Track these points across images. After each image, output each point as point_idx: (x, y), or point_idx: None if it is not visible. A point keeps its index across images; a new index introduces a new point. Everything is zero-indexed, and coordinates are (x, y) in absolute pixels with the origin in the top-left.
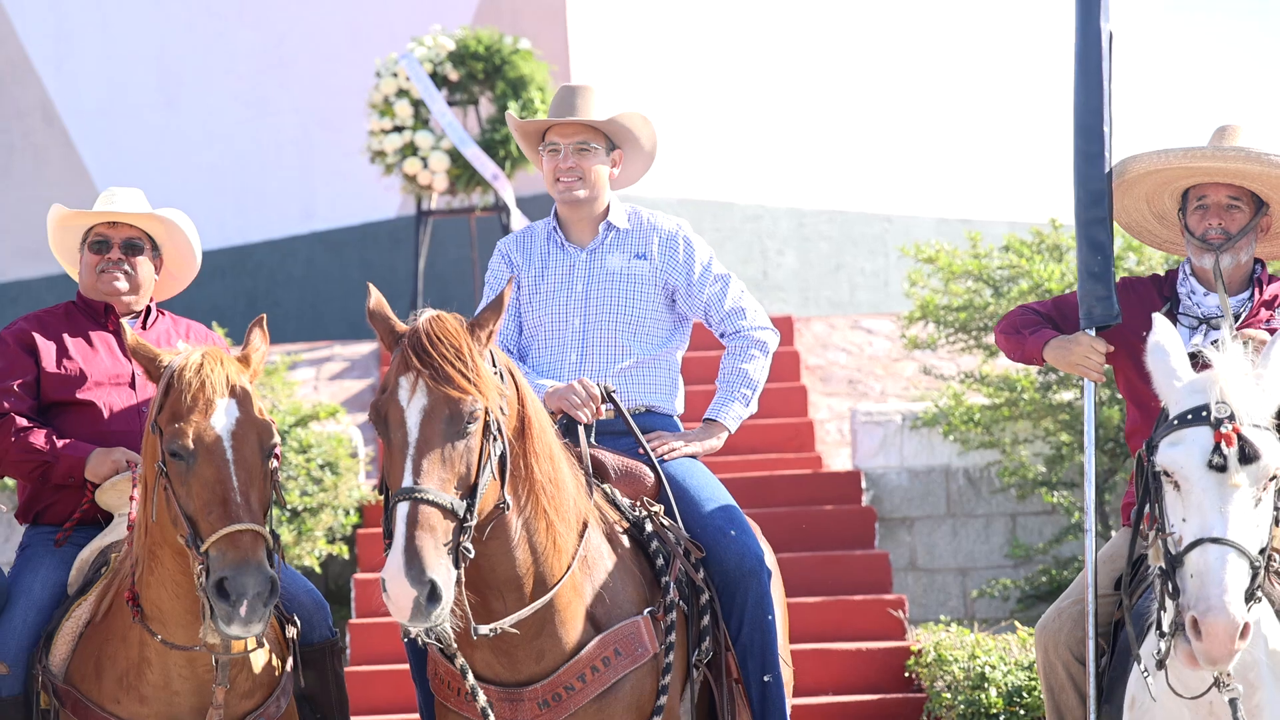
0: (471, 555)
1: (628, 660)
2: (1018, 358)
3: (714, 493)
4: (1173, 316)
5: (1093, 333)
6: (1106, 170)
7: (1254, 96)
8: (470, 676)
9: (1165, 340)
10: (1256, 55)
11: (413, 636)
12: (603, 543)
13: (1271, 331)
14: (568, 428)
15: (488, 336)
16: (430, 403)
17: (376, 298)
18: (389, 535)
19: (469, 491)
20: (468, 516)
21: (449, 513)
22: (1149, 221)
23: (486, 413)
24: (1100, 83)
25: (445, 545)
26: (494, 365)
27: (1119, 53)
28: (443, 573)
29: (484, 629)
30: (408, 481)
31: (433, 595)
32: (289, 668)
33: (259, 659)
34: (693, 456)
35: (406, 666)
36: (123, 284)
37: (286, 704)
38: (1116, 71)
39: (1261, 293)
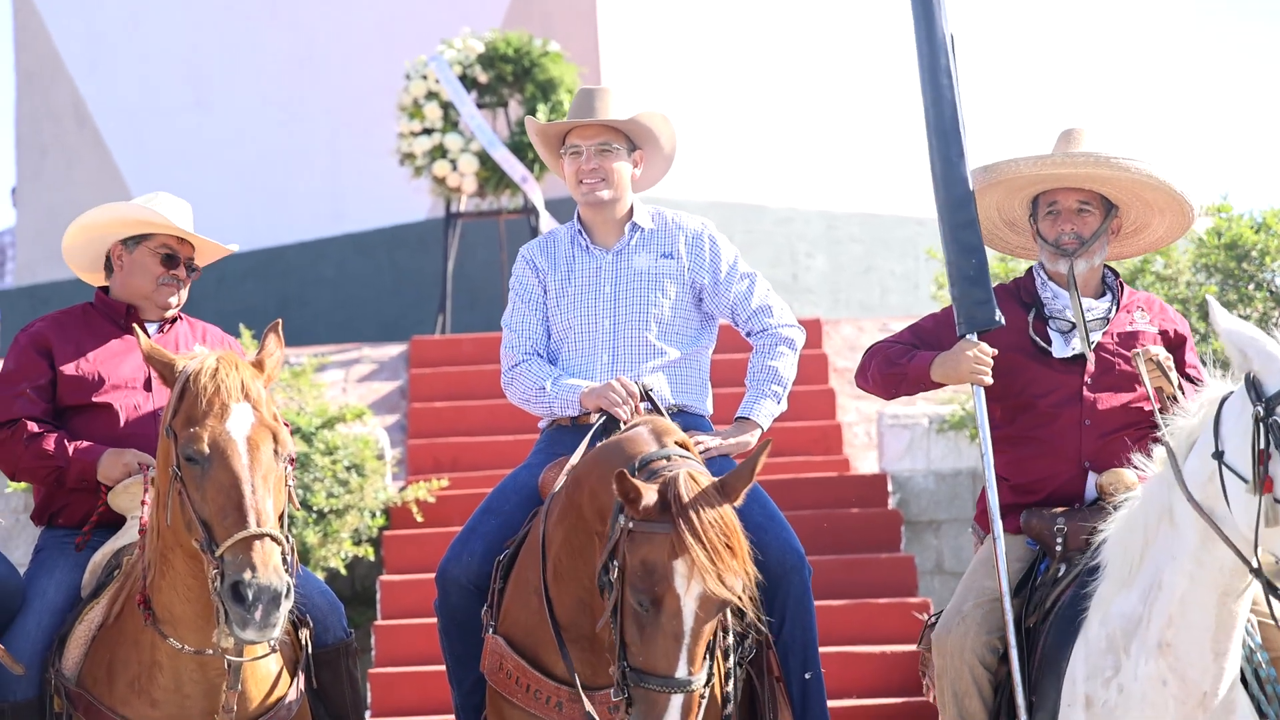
0: None
1: None
2: (902, 390)
3: (752, 491)
4: (1042, 320)
5: (973, 337)
6: (967, 172)
7: (1093, 95)
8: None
9: (1247, 326)
10: (1096, 55)
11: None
12: None
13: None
14: (607, 426)
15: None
16: (707, 596)
17: (632, 482)
18: (628, 691)
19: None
20: (701, 692)
21: (700, 696)
22: (999, 229)
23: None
24: (950, 86)
25: None
26: None
27: (962, 55)
28: None
29: None
30: (681, 673)
31: None
32: (301, 669)
33: (271, 662)
34: (726, 455)
35: (431, 668)
36: (175, 299)
37: (298, 707)
38: (961, 73)
39: (1121, 296)
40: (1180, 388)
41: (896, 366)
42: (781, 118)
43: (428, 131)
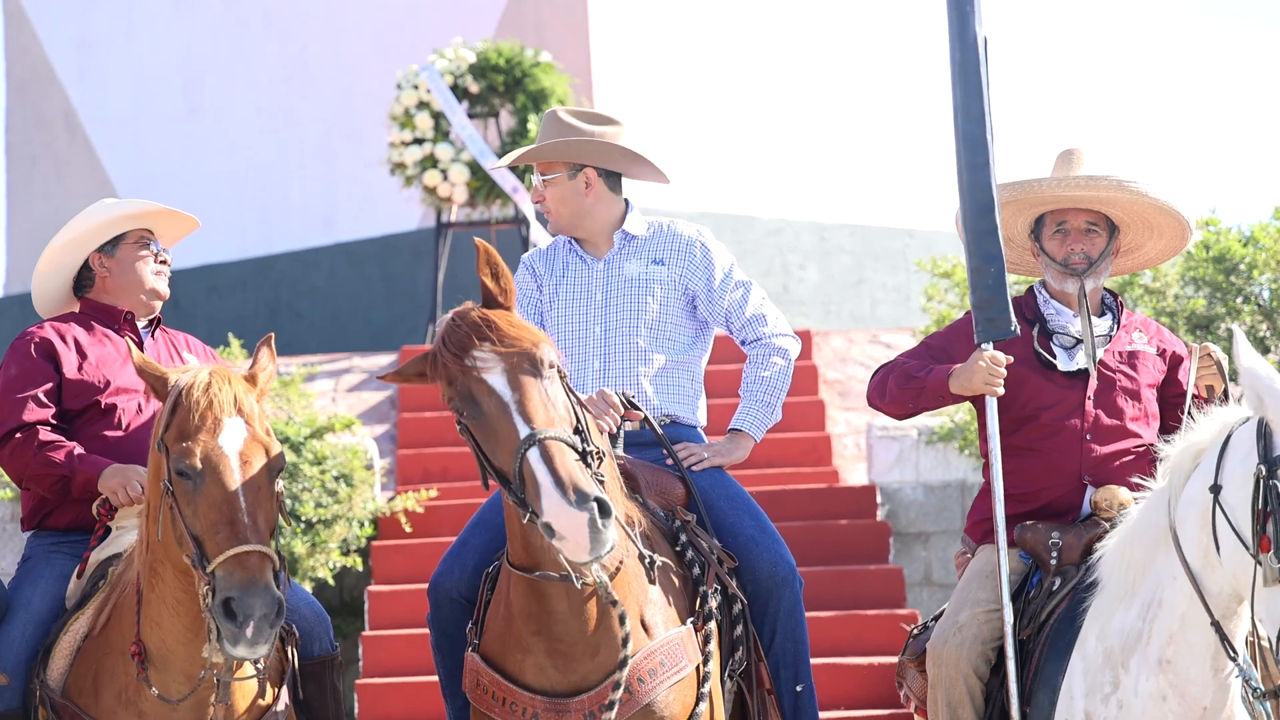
0: (606, 481)
1: (672, 672)
2: (921, 404)
3: (744, 503)
4: (1046, 335)
5: (988, 347)
6: (992, 179)
7: (1081, 109)
8: None
9: (1261, 364)
10: (1084, 69)
11: (588, 580)
12: (650, 545)
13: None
14: None
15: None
16: (509, 364)
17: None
18: (525, 490)
19: (577, 430)
20: (588, 449)
21: (572, 447)
22: None
23: (557, 364)
24: (980, 90)
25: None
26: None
27: (994, 58)
28: (598, 489)
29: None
30: (524, 431)
31: (603, 509)
32: (287, 681)
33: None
34: (718, 467)
35: (419, 679)
36: (165, 286)
37: (284, 719)
38: (993, 78)
39: (1121, 316)
40: (1226, 393)
41: (915, 380)
42: (773, 129)
43: (419, 141)
